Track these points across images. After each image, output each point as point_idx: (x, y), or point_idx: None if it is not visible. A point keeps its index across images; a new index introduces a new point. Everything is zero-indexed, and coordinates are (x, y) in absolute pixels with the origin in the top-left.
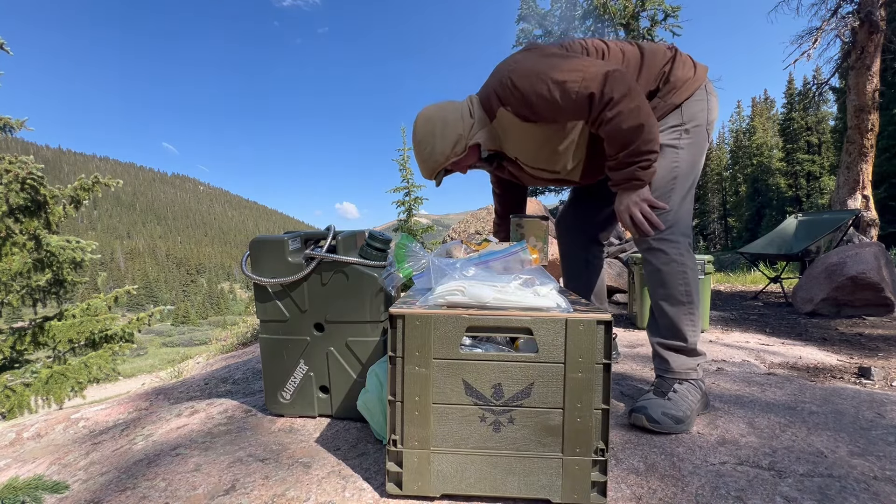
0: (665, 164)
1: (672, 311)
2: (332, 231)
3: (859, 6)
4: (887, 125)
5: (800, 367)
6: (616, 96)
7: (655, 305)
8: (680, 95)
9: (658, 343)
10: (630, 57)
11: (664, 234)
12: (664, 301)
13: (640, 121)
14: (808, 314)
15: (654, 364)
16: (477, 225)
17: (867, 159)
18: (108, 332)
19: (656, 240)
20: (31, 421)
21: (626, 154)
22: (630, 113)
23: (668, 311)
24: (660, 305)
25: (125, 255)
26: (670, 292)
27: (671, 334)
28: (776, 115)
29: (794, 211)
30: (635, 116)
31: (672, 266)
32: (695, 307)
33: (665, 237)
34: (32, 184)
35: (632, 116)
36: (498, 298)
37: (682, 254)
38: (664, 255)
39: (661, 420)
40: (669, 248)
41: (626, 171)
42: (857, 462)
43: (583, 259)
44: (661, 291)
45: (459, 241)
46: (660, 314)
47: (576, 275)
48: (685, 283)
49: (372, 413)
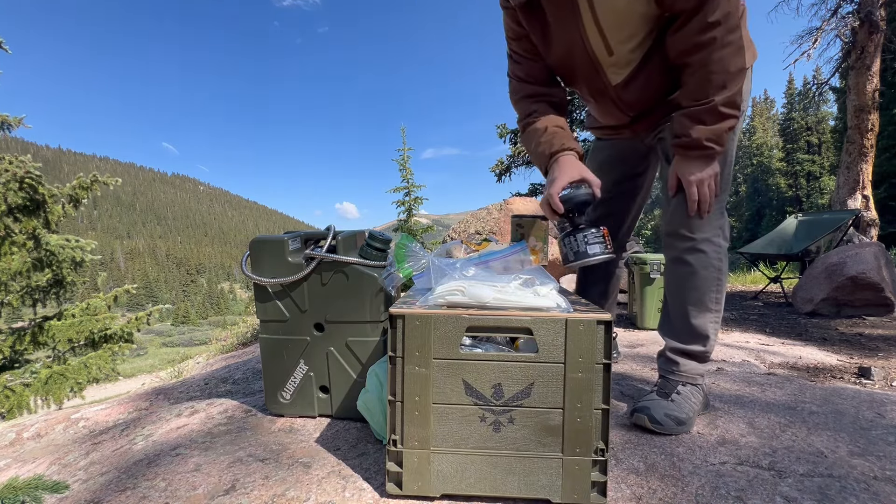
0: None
1: (699, 316)
2: (332, 231)
3: (859, 6)
4: (887, 125)
5: (800, 367)
6: (735, 20)
7: (681, 308)
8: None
9: (673, 346)
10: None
11: (709, 235)
12: (693, 306)
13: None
14: (808, 314)
15: (658, 364)
16: (477, 225)
17: (867, 159)
18: (107, 332)
19: (702, 241)
20: (31, 421)
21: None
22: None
23: (695, 317)
24: (686, 310)
25: (125, 254)
26: (702, 298)
27: (692, 339)
28: (776, 115)
29: (794, 211)
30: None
31: (710, 271)
32: (720, 315)
33: (710, 238)
34: (31, 183)
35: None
36: (498, 298)
37: (722, 259)
38: (705, 257)
39: (664, 421)
40: (712, 250)
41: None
42: (857, 462)
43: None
44: (693, 295)
45: (459, 241)
46: (683, 318)
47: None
48: (718, 290)
49: (372, 413)
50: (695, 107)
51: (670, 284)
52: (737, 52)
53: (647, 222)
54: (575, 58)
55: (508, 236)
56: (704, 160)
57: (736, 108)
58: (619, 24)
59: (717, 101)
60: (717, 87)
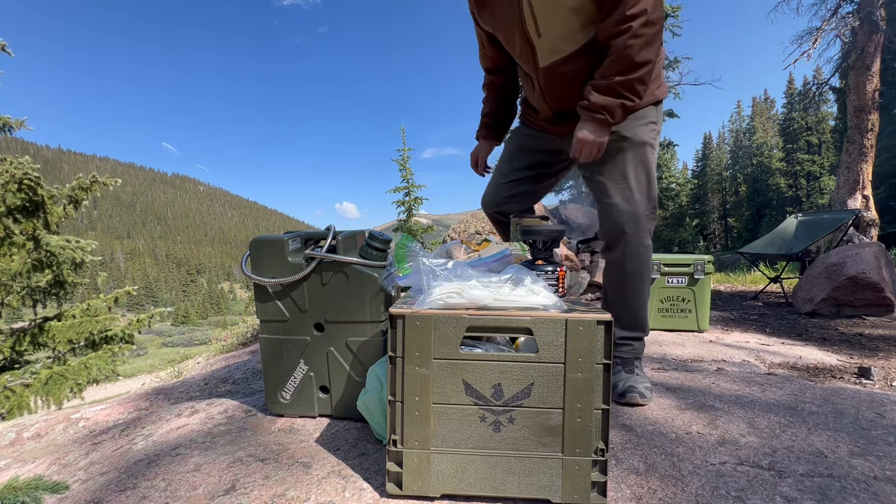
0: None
1: (641, 306)
2: (332, 231)
3: (859, 6)
4: (887, 125)
5: (800, 367)
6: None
7: (625, 301)
8: (661, 92)
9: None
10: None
11: (644, 239)
12: (636, 297)
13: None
14: (808, 314)
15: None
16: (477, 225)
17: (867, 159)
18: (107, 334)
19: (641, 244)
20: (31, 421)
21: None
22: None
23: (639, 307)
24: (631, 301)
25: (125, 255)
26: (641, 291)
27: (638, 326)
28: (776, 115)
29: (794, 211)
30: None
31: (645, 268)
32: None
33: (644, 242)
34: (29, 184)
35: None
36: (498, 300)
37: (650, 256)
38: (643, 258)
39: (647, 394)
40: (645, 251)
41: (610, 100)
42: (857, 462)
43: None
44: (638, 288)
45: (459, 241)
46: (627, 309)
47: None
48: (648, 282)
49: (372, 413)
50: (600, 80)
51: (613, 280)
52: (645, 44)
53: None
54: (514, 31)
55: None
56: (596, 124)
57: (632, 93)
58: (547, 10)
59: (617, 80)
60: (620, 69)
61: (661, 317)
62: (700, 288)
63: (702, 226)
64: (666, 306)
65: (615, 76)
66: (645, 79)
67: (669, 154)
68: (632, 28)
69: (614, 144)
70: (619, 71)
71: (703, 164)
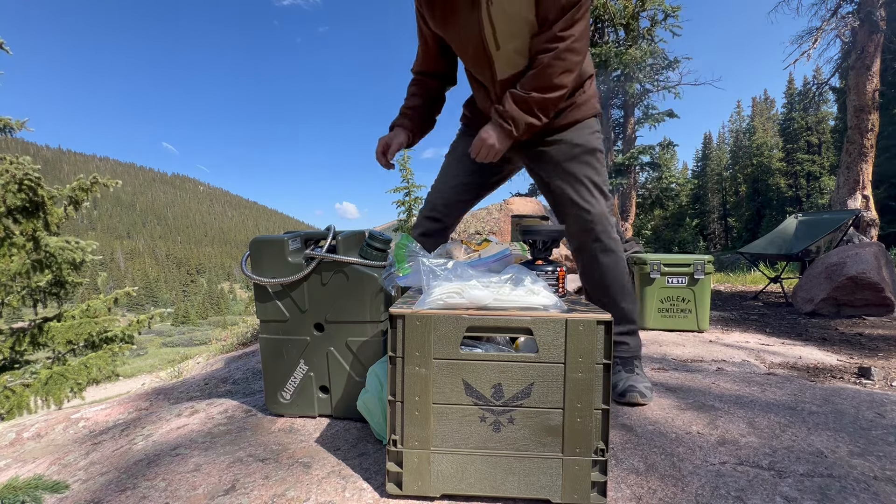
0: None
1: (626, 301)
2: (333, 231)
3: (859, 6)
4: (887, 125)
5: (800, 367)
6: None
7: (609, 297)
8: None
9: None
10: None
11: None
12: (619, 291)
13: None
14: (809, 314)
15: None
16: (477, 225)
17: (867, 159)
18: (107, 334)
19: (611, 239)
20: (30, 421)
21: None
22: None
23: (623, 302)
24: (615, 297)
25: (125, 255)
26: (623, 281)
27: (626, 319)
28: (776, 115)
29: (794, 211)
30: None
31: (621, 263)
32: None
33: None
34: (30, 184)
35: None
36: (498, 300)
37: (622, 248)
38: (616, 254)
39: (648, 393)
40: (616, 244)
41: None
42: (857, 462)
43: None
44: (616, 285)
45: (459, 242)
46: (613, 305)
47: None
48: (628, 276)
49: (372, 413)
50: (519, 90)
51: (593, 279)
52: (565, 69)
53: (648, 222)
54: (472, 41)
55: (508, 236)
56: (502, 132)
57: (543, 113)
58: (506, 22)
59: (534, 96)
60: (538, 85)
61: (661, 317)
62: (700, 288)
63: (702, 226)
64: (666, 306)
65: (532, 91)
66: (558, 103)
67: (669, 154)
68: (558, 49)
69: (570, 151)
70: (536, 87)
71: (703, 164)
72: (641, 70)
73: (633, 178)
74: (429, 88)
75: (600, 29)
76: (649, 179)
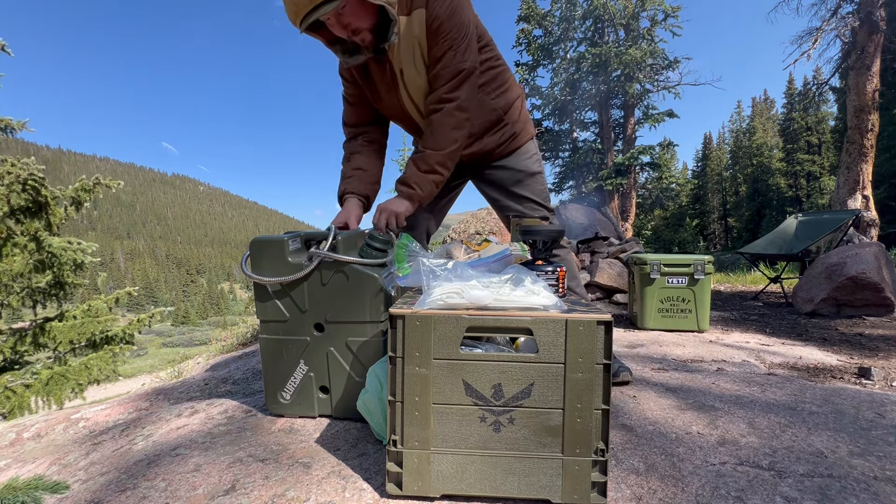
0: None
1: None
2: (333, 231)
3: (859, 6)
4: (887, 125)
5: (800, 367)
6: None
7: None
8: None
9: None
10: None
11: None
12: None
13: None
14: (809, 314)
15: None
16: (477, 225)
17: (867, 159)
18: (108, 334)
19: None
20: (31, 421)
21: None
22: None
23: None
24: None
25: (125, 255)
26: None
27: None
28: (776, 115)
29: (794, 211)
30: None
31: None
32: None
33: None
34: (34, 185)
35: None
36: (498, 300)
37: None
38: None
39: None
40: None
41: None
42: (857, 462)
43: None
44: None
45: (459, 242)
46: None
47: None
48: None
49: (372, 413)
50: (419, 151)
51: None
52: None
53: (648, 222)
54: (399, 113)
55: (508, 236)
56: (403, 197)
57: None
58: (421, 94)
59: (428, 153)
60: (434, 144)
61: (662, 317)
62: (700, 288)
63: (702, 226)
64: (666, 306)
65: (429, 149)
66: (454, 156)
67: (669, 154)
68: (445, 108)
69: (514, 177)
70: (433, 145)
71: (703, 164)
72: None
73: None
74: (371, 139)
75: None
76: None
